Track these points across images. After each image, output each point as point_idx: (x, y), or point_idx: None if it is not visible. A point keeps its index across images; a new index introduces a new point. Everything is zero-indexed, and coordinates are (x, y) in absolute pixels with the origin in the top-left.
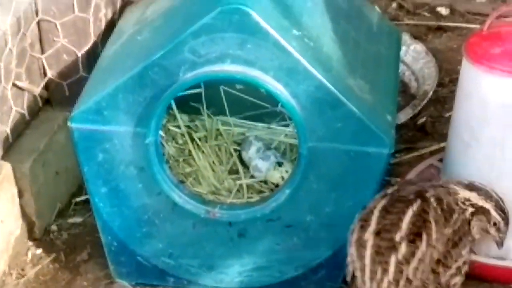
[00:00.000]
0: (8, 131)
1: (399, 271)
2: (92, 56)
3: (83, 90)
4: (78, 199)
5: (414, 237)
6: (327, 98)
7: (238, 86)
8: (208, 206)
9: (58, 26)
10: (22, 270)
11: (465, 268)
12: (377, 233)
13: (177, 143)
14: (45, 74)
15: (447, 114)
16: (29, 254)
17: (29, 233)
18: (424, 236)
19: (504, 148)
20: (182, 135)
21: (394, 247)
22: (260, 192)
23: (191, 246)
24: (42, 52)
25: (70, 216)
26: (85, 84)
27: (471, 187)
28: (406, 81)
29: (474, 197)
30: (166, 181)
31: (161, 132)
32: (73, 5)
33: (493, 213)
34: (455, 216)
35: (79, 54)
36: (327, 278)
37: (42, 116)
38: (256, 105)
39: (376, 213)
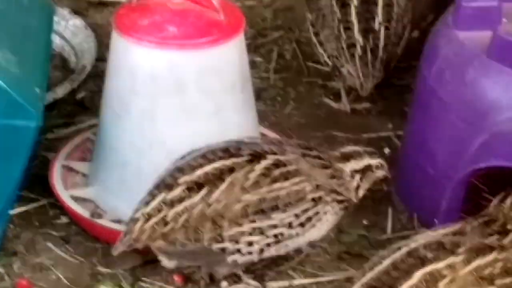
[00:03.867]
0: None
1: (160, 204)
2: None
3: None
4: None
5: (195, 186)
6: None
7: None
8: None
9: None
10: None
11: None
12: (178, 168)
13: None
14: None
15: None
16: None
17: None
18: (203, 192)
19: (153, 119)
20: None
21: (171, 186)
22: None
23: None
24: None
25: None
26: None
27: (346, 156)
28: (65, 56)
29: (355, 163)
30: None
31: None
32: None
33: (373, 161)
34: (290, 181)
35: None
36: None
37: None
38: None
39: (197, 152)
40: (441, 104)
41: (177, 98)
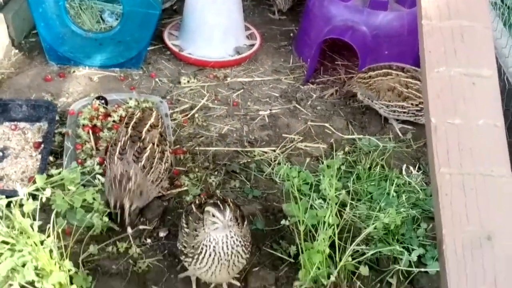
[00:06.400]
0: None
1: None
2: None
3: None
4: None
5: (380, 75)
6: None
7: None
8: (87, 32)
9: None
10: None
11: None
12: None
13: (73, 9)
14: None
15: None
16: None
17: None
18: (382, 79)
19: (203, 12)
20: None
21: (373, 69)
22: (110, 30)
23: (81, 49)
24: None
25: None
26: None
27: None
28: None
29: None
30: (69, 22)
31: (66, 3)
32: None
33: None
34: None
35: None
36: (135, 63)
37: None
38: None
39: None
40: (313, 14)
41: (213, 4)
